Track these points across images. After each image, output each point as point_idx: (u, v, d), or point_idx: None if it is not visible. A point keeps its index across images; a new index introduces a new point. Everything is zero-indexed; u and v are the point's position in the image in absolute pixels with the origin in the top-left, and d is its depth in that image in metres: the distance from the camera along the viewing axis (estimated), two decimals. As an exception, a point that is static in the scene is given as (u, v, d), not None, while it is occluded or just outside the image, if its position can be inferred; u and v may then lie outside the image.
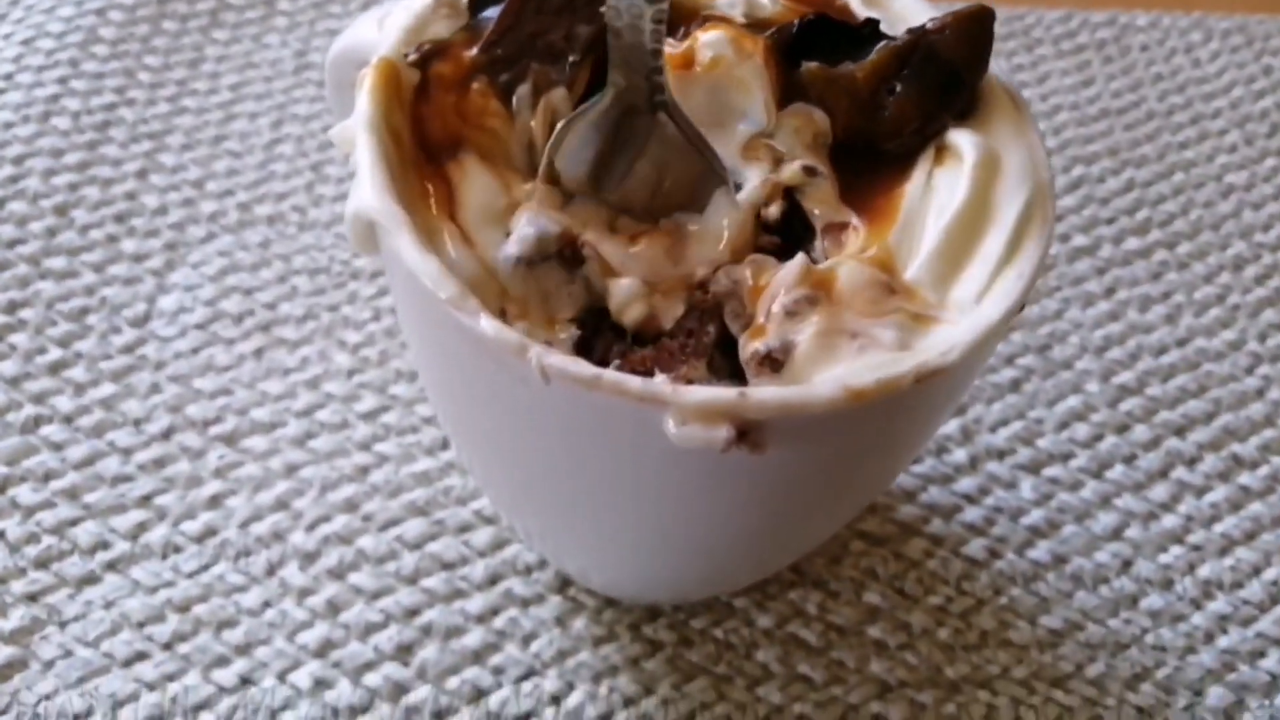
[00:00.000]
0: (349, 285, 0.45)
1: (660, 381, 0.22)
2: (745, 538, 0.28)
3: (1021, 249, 0.26)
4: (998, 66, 0.30)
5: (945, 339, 0.24)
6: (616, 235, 0.27)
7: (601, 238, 0.27)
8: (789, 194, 0.28)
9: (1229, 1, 0.61)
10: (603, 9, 0.26)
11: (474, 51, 0.29)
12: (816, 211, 0.27)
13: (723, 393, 0.22)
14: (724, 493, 0.25)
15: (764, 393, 0.22)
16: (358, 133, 0.26)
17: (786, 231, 0.28)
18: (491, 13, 0.30)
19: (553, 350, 0.23)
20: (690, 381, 0.24)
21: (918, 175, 0.28)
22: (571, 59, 0.30)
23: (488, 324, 0.23)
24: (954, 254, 0.26)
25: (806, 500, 0.27)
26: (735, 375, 0.25)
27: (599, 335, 0.26)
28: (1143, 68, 0.57)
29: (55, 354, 0.42)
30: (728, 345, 0.26)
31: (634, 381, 0.22)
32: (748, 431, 0.22)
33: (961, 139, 0.28)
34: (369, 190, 0.25)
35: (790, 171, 0.28)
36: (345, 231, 0.27)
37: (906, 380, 0.23)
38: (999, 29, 0.30)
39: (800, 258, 0.26)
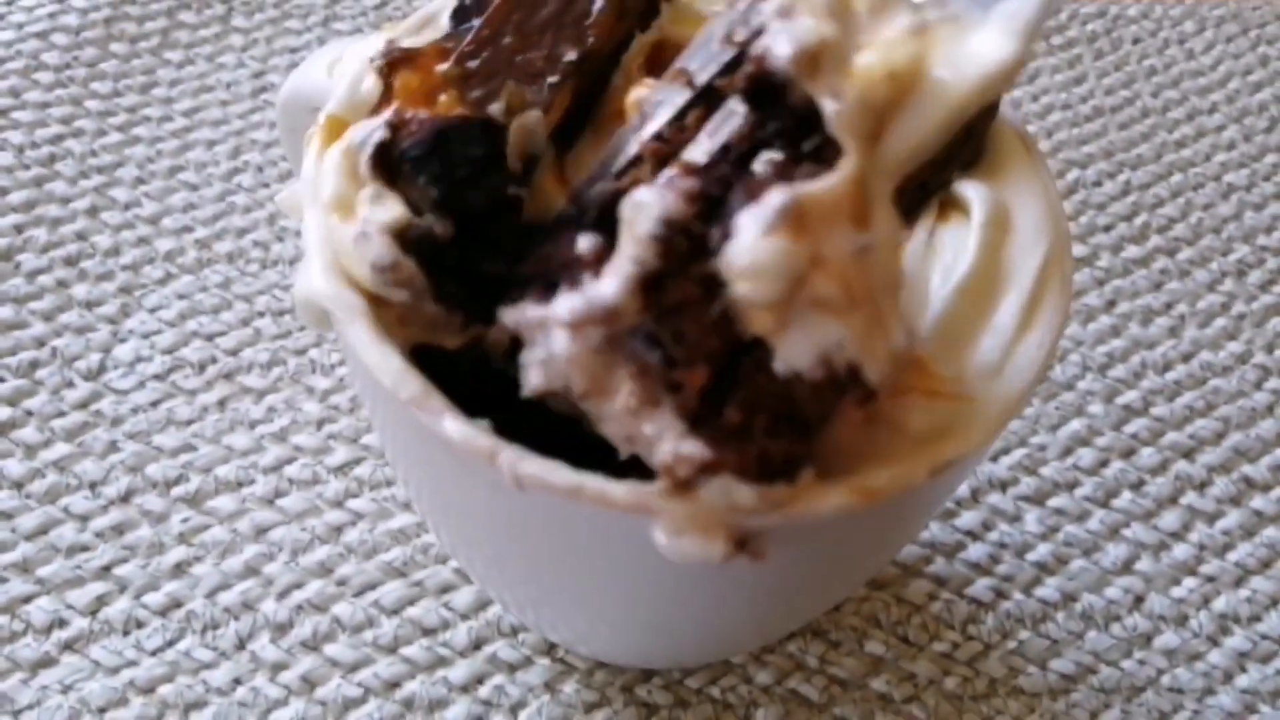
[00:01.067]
0: (315, 327, 0.43)
1: (649, 488, 0.20)
2: (745, 622, 0.26)
3: (1040, 312, 0.24)
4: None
5: (963, 420, 0.22)
6: None
7: None
8: None
9: (1222, -13, 0.59)
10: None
11: (446, 65, 0.27)
12: None
13: (716, 502, 0.20)
14: (718, 591, 0.23)
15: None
16: (305, 203, 0.24)
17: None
18: (459, 29, 0.27)
19: (526, 454, 0.21)
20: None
21: (917, 234, 0.25)
22: (551, 80, 0.27)
23: (454, 427, 0.21)
24: (965, 321, 0.24)
25: (809, 588, 0.25)
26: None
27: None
28: (1136, 61, 0.55)
29: (3, 413, 0.39)
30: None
31: (619, 490, 0.20)
32: (747, 540, 0.20)
33: (968, 191, 0.25)
34: (318, 273, 0.23)
35: None
36: (295, 312, 0.24)
37: (920, 476, 0.21)
38: None
39: None
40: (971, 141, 0.27)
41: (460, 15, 0.29)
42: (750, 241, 0.19)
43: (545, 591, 0.26)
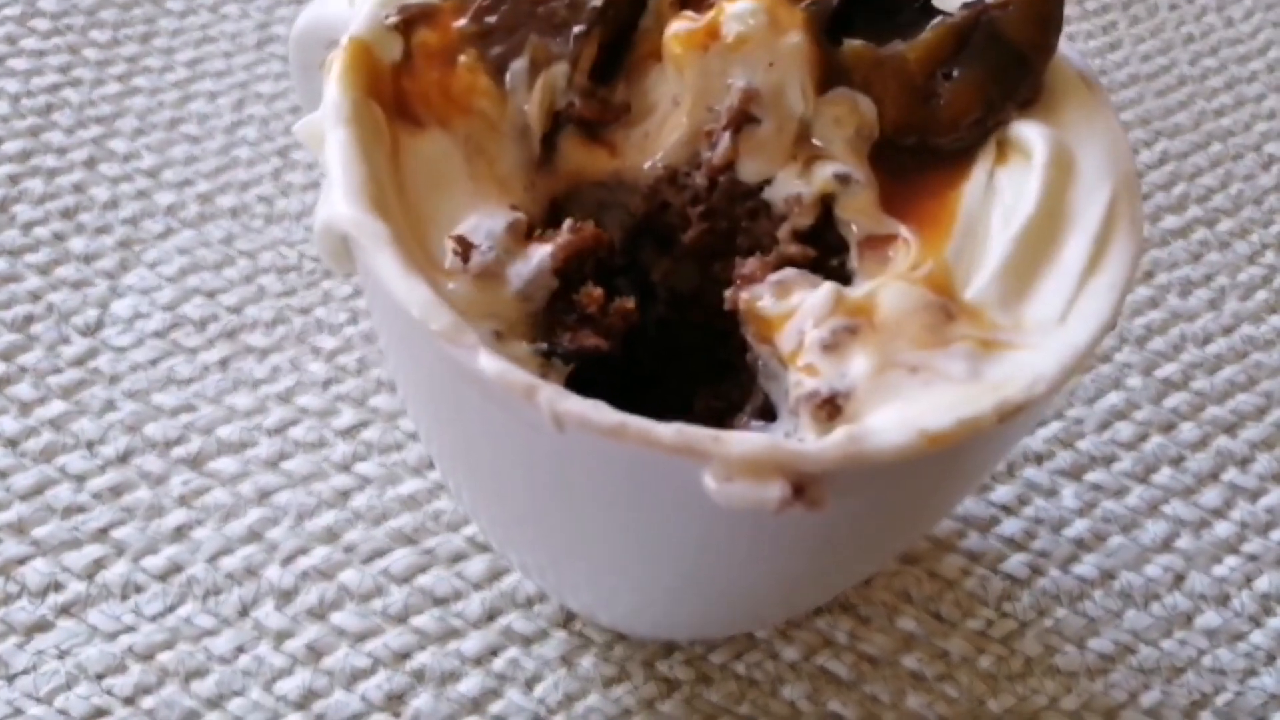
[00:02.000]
0: (322, 284, 0.41)
1: (699, 429, 0.19)
2: (783, 585, 0.25)
3: (1108, 255, 0.22)
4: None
5: (1027, 367, 0.20)
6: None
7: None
8: (822, 202, 0.24)
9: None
10: None
11: (464, 21, 0.25)
12: (854, 225, 0.24)
13: (774, 442, 0.19)
14: (766, 546, 0.22)
15: (825, 441, 0.19)
16: (327, 128, 0.22)
17: (821, 242, 0.24)
18: None
19: (567, 393, 0.19)
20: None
21: (977, 174, 0.24)
22: (577, 30, 0.26)
23: (489, 362, 0.19)
24: (1027, 267, 0.22)
25: (859, 546, 0.24)
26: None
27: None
28: (1172, 28, 0.54)
29: (-3, 369, 0.38)
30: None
31: (666, 430, 0.19)
32: (804, 487, 0.18)
33: (1029, 131, 0.24)
34: (341, 198, 0.21)
35: (821, 181, 0.24)
36: (315, 246, 0.23)
37: (989, 420, 0.19)
38: None
39: (828, 286, 0.22)
40: (1028, 79, 0.25)
41: None
42: None
43: (574, 548, 0.25)
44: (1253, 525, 0.38)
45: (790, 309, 0.22)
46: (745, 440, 0.19)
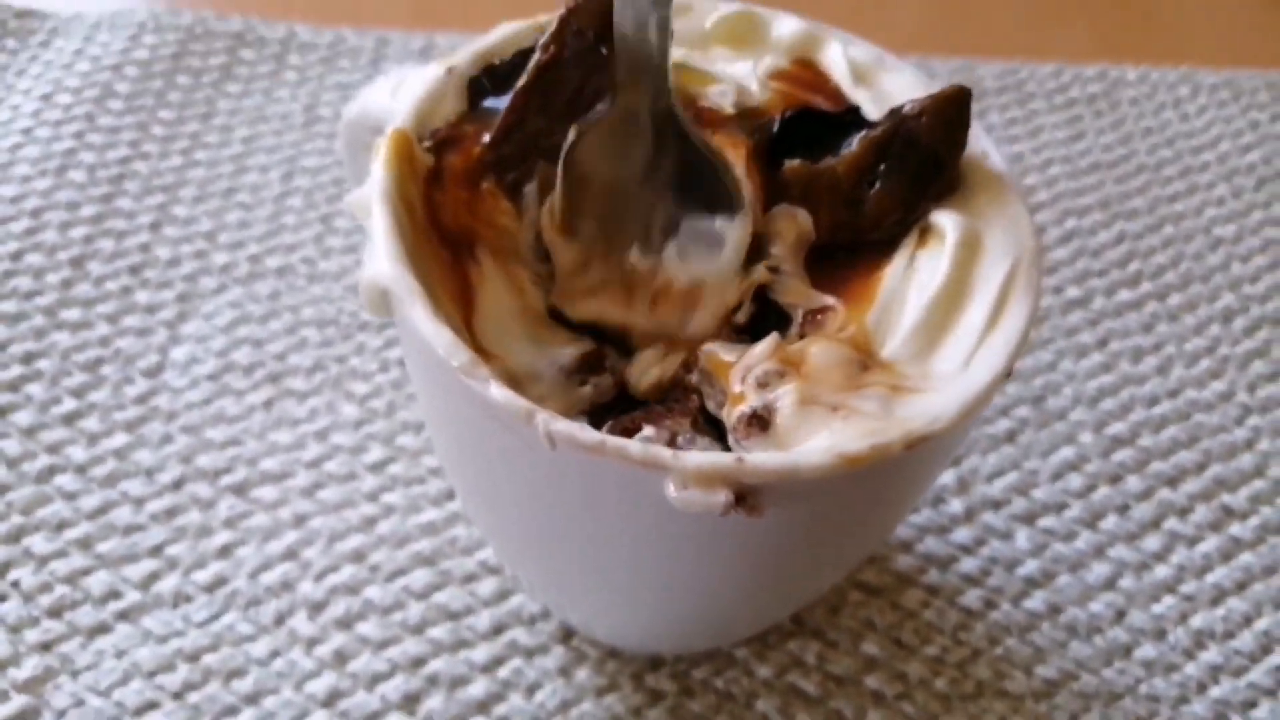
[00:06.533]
0: (356, 337, 0.46)
1: (661, 447, 0.23)
2: (745, 592, 0.29)
3: (1005, 316, 0.27)
4: (989, 123, 0.31)
5: (931, 406, 0.25)
6: (634, 304, 0.28)
7: (624, 312, 0.28)
8: (760, 292, 0.29)
9: (1216, 56, 0.63)
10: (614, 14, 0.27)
11: (482, 145, 0.30)
12: (791, 302, 0.28)
13: (721, 458, 0.23)
14: (722, 551, 0.26)
15: (760, 458, 0.23)
16: (373, 201, 0.27)
17: (762, 328, 0.29)
18: (494, 103, 0.30)
19: (558, 417, 0.24)
20: (676, 435, 0.25)
21: (899, 258, 0.28)
22: None
23: (498, 391, 0.24)
24: (934, 328, 0.27)
25: (803, 557, 0.28)
26: (719, 438, 0.26)
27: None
28: (1133, 121, 0.59)
29: (70, 404, 0.42)
30: (709, 418, 0.27)
31: (636, 447, 0.23)
32: (745, 496, 0.23)
33: (944, 219, 0.28)
34: (384, 259, 0.26)
35: (757, 273, 0.29)
36: (359, 297, 0.28)
37: (896, 447, 0.24)
38: (993, 83, 0.30)
39: (772, 336, 0.27)
40: (942, 176, 0.30)
41: (477, 90, 0.31)
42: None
43: (565, 555, 0.29)
44: (1190, 569, 0.42)
45: (740, 355, 0.26)
46: (697, 456, 0.23)
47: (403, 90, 0.31)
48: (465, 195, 0.29)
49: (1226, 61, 0.62)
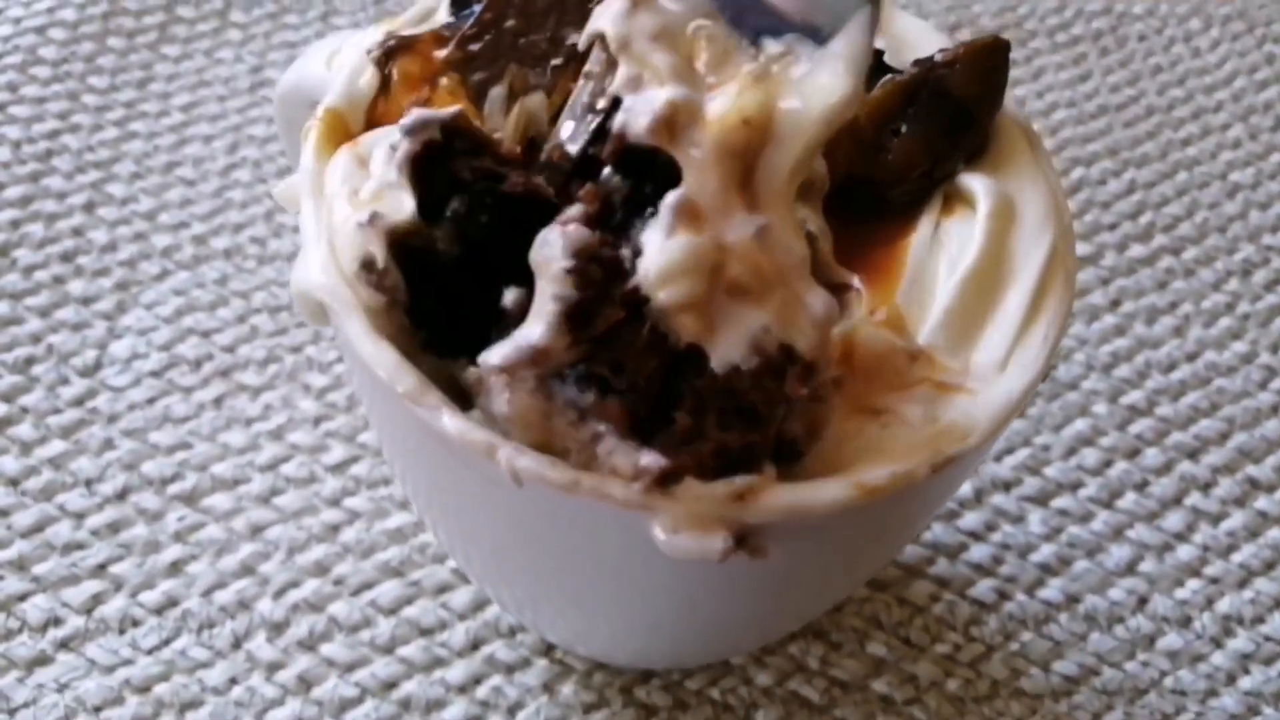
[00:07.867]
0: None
1: (649, 488, 0.20)
2: (743, 621, 0.26)
3: (1044, 307, 0.23)
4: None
5: (967, 415, 0.22)
6: None
7: None
8: None
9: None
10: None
11: (446, 50, 0.27)
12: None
13: (717, 496, 0.20)
14: (718, 590, 0.23)
15: (766, 495, 0.20)
16: (302, 196, 0.24)
17: None
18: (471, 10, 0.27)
19: (524, 450, 0.20)
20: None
21: (923, 226, 0.25)
22: (554, 63, 0.27)
23: (451, 422, 0.21)
24: (971, 313, 0.23)
25: (809, 587, 0.25)
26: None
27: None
28: (1141, 59, 0.55)
29: (-1, 410, 0.39)
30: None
31: (617, 487, 0.20)
32: (746, 537, 0.20)
33: (973, 183, 0.25)
34: (315, 266, 0.22)
35: None
36: (293, 306, 0.24)
37: (921, 472, 0.21)
38: (990, 21, 0.27)
39: None
40: (974, 132, 0.26)
41: (460, 2, 0.29)
42: (658, 245, 0.20)
43: (544, 589, 0.26)
44: (1214, 549, 0.39)
45: None
46: (690, 494, 0.20)
47: (338, 60, 0.27)
48: (418, 98, 0.25)
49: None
